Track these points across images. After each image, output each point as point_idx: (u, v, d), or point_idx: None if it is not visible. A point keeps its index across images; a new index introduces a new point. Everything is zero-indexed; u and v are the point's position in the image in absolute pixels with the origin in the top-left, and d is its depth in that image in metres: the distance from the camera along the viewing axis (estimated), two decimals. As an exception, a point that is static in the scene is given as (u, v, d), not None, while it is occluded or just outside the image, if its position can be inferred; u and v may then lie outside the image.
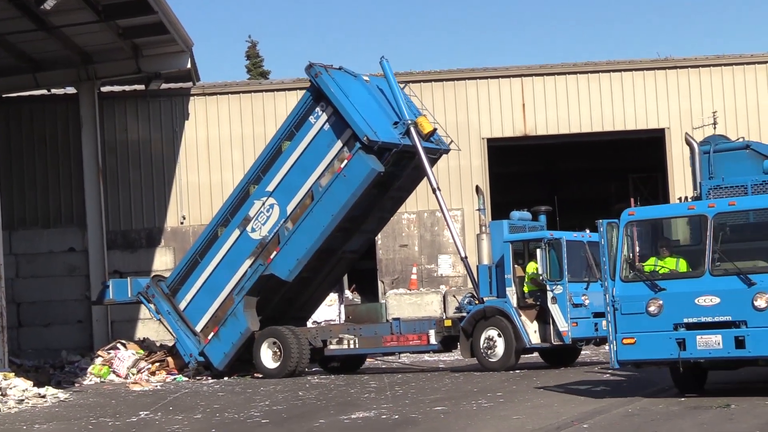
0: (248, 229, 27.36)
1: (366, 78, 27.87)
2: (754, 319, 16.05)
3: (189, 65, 34.34)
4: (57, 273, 36.01)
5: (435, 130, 27.43)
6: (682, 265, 17.23)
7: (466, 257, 27.20)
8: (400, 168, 27.53)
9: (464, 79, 36.72)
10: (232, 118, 36.55)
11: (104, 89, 36.13)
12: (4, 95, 35.99)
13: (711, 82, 36.38)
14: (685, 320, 16.54)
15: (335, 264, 28.92)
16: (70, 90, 36.13)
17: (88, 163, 35.00)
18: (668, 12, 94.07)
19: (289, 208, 26.92)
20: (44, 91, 36.30)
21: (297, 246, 26.81)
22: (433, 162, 27.75)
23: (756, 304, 16.02)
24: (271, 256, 27.03)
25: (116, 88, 36.73)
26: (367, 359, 29.86)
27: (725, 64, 36.59)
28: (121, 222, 36.23)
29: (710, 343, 16.33)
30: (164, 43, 33.07)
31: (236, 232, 27.51)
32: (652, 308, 16.76)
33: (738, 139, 20.13)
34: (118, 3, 29.70)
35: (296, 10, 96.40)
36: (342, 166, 26.33)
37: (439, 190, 27.50)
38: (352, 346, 27.41)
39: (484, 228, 27.20)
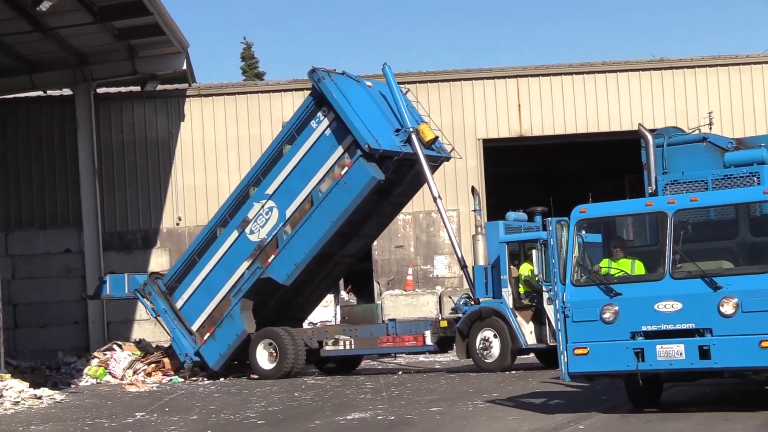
0: (247, 231, 27.31)
1: (369, 83, 27.75)
2: (720, 326, 14.44)
3: (185, 66, 34.36)
4: (53, 274, 35.99)
5: (437, 138, 27.36)
6: (639, 268, 15.80)
7: (465, 266, 27.08)
8: (401, 175, 27.45)
9: (460, 79, 36.71)
10: (227, 120, 36.52)
11: (100, 90, 36.12)
12: (0, 97, 36.00)
13: (707, 83, 36.38)
14: (644, 328, 14.91)
15: (333, 267, 28.89)
16: (66, 91, 36.12)
17: (84, 165, 34.99)
18: (663, 12, 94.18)
19: (288, 212, 26.85)
20: (40, 93, 36.27)
21: (295, 251, 26.73)
22: (434, 169, 27.69)
23: (722, 310, 14.43)
24: (269, 260, 26.98)
25: (112, 90, 36.73)
26: (363, 360, 29.88)
27: (721, 65, 36.58)
28: (117, 223, 36.20)
29: (671, 353, 14.71)
30: (160, 44, 33.08)
31: (234, 234, 27.45)
32: (606, 315, 15.12)
33: (694, 131, 18.57)
34: (113, 4, 29.71)
35: (291, 11, 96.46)
36: (342, 172, 26.20)
37: (440, 198, 27.46)
38: (348, 347, 27.41)
39: (479, 229, 27.22)
